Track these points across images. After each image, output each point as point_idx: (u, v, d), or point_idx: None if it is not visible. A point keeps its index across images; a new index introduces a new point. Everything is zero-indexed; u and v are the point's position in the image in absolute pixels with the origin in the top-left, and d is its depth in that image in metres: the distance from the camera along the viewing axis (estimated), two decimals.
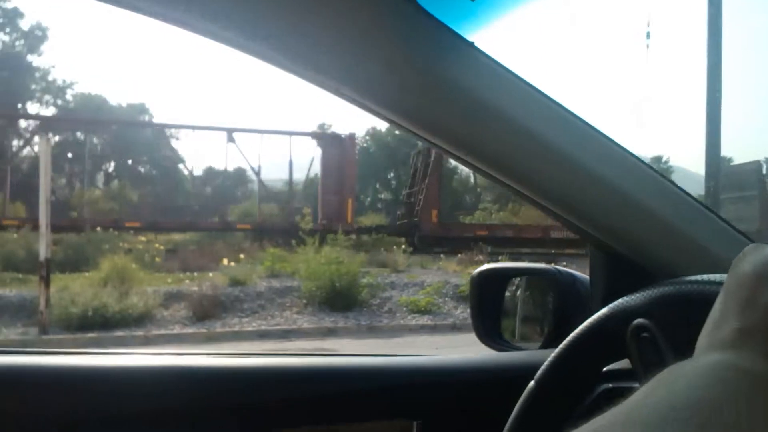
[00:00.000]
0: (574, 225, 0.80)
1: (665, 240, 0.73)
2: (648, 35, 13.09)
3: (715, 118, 10.03)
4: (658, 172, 0.75)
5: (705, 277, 0.51)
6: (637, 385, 0.76)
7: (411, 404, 0.84)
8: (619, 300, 0.58)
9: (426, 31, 0.62)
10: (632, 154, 0.75)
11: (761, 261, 0.39)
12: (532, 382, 0.65)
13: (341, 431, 0.81)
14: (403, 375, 0.87)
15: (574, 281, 0.98)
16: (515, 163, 0.69)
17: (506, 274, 1.17)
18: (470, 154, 0.70)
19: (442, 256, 15.05)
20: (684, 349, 0.41)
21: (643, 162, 0.75)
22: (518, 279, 1.30)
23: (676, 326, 0.48)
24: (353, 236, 12.73)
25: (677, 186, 0.74)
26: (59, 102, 32.63)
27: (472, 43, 0.66)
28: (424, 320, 9.25)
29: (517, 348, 1.13)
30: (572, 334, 0.61)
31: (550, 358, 0.63)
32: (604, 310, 0.59)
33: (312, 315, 9.21)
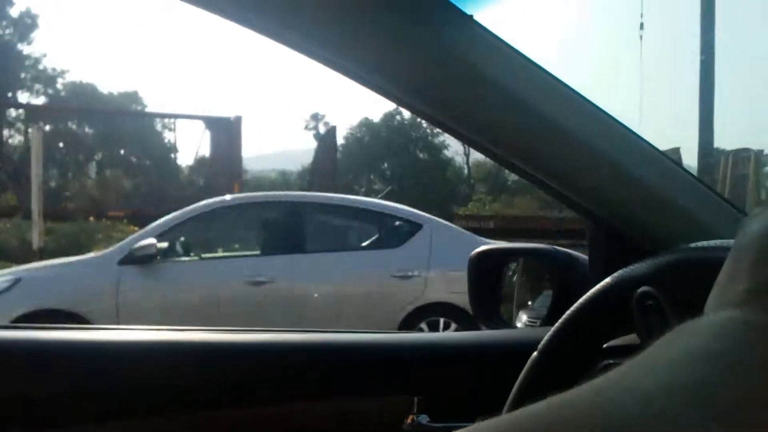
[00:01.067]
0: (573, 201, 0.80)
1: (660, 214, 0.73)
2: (642, 26, 13.06)
3: (708, 107, 10.07)
4: (653, 147, 0.76)
5: (709, 243, 0.51)
6: None
7: (412, 380, 0.84)
8: (623, 269, 0.58)
9: (425, 4, 0.62)
10: (628, 129, 0.75)
11: None
12: (535, 353, 0.65)
13: (341, 406, 0.81)
14: (403, 350, 0.87)
15: (573, 260, 0.98)
16: (513, 137, 0.69)
17: (504, 255, 1.17)
18: (470, 129, 0.70)
19: None
20: (689, 316, 0.41)
21: (639, 137, 0.75)
22: (515, 263, 1.30)
23: (681, 293, 0.49)
24: None
25: (672, 160, 0.75)
26: (50, 91, 32.33)
27: (471, 17, 0.65)
28: None
29: (514, 327, 1.14)
30: (576, 304, 0.61)
31: (553, 329, 0.63)
32: (607, 279, 0.59)
33: None
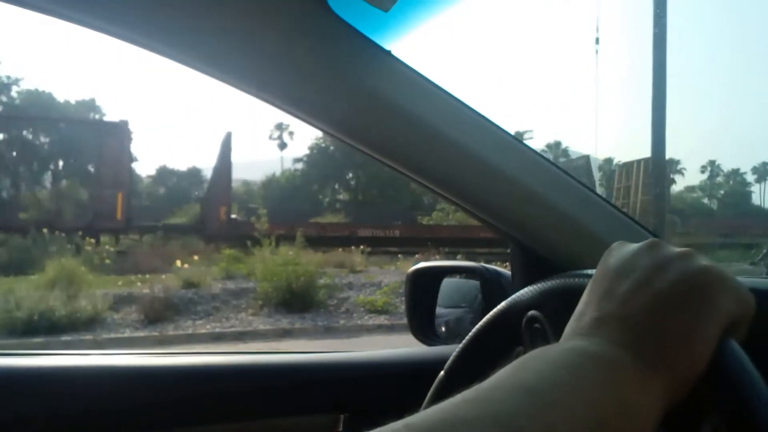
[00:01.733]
0: (493, 224, 0.84)
1: (568, 235, 0.78)
2: (597, 41, 13.45)
3: (660, 120, 10.42)
4: (562, 170, 0.80)
5: (588, 270, 0.55)
6: None
7: (338, 398, 0.86)
8: (517, 293, 0.62)
9: (343, 39, 0.65)
10: (540, 155, 0.80)
11: (622, 256, 0.43)
12: (442, 373, 0.68)
13: (269, 426, 0.83)
14: (329, 370, 0.89)
15: (499, 277, 1.02)
16: (431, 166, 0.73)
17: (438, 272, 1.21)
18: (390, 158, 0.73)
19: (399, 256, 15.11)
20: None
21: (549, 161, 0.80)
22: (457, 277, 1.35)
23: (562, 317, 0.53)
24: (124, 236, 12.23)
25: (581, 183, 0.80)
26: (3, 99, 31.36)
27: (388, 52, 0.69)
28: (381, 320, 9.29)
29: (448, 343, 1.17)
30: (476, 326, 0.65)
31: (457, 350, 0.67)
32: (503, 304, 0.63)
33: (268, 316, 9.12)
